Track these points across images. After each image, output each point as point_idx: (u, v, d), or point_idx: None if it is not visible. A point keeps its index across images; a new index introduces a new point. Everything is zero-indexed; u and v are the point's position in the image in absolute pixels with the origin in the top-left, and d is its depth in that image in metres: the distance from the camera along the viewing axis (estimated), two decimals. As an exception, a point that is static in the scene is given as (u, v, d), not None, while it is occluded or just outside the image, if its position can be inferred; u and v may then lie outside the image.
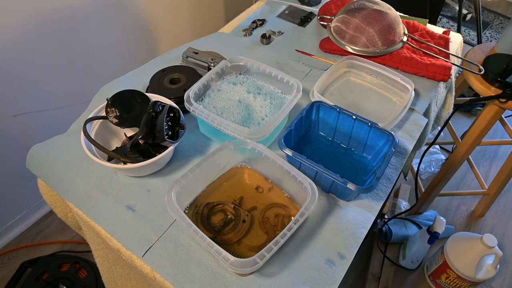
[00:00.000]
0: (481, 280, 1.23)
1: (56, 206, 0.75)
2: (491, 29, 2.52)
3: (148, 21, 1.43)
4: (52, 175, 0.68)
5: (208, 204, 0.62)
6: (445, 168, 1.34)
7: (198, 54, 0.88)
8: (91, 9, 1.21)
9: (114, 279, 0.75)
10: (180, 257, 0.57)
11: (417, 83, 0.86)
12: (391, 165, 0.72)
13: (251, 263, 0.49)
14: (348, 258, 0.58)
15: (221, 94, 0.75)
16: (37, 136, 1.28)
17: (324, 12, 1.03)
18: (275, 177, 0.65)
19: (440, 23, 2.46)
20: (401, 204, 1.57)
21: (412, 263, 1.39)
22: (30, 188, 1.38)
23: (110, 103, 0.67)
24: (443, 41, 0.96)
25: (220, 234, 0.59)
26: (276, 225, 0.60)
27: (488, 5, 2.61)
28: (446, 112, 1.06)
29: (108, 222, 0.61)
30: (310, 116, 0.73)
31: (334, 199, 0.65)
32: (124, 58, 1.41)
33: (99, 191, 0.65)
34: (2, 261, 1.38)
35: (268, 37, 0.98)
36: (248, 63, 0.78)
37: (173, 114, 0.67)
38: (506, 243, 1.52)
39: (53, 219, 1.50)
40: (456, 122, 1.94)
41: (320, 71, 0.89)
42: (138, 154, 0.63)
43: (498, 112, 1.11)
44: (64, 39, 1.19)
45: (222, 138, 0.70)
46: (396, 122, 0.71)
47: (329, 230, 0.61)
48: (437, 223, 1.26)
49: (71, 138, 0.73)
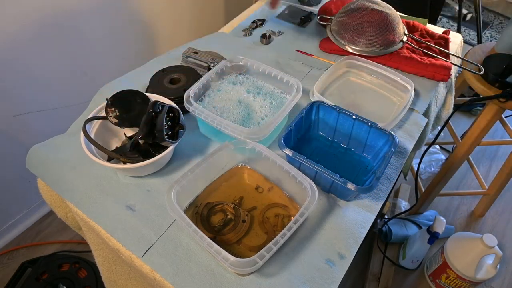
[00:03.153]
0: (481, 280, 1.24)
1: (56, 206, 0.75)
2: (491, 29, 2.52)
3: (148, 21, 1.43)
4: (52, 175, 0.68)
5: (208, 204, 0.62)
6: (445, 168, 1.34)
7: (198, 54, 0.88)
8: (91, 9, 1.21)
9: (114, 279, 0.75)
10: (180, 257, 0.57)
11: (417, 83, 0.86)
12: (391, 165, 0.72)
13: (251, 263, 0.49)
14: (348, 258, 0.58)
15: (221, 94, 0.75)
16: (37, 136, 1.28)
17: (324, 12, 1.03)
18: (275, 177, 0.65)
19: (440, 23, 2.46)
20: (401, 204, 1.57)
21: (412, 263, 1.39)
22: (30, 188, 1.38)
23: (110, 103, 0.67)
24: (443, 41, 0.96)
25: (220, 234, 0.59)
26: (276, 225, 0.60)
27: (488, 5, 2.61)
28: (446, 112, 1.06)
29: (108, 222, 0.61)
30: (310, 116, 0.73)
31: (334, 199, 0.65)
32: (124, 58, 1.41)
33: (99, 191, 0.65)
34: (2, 261, 1.38)
35: (268, 37, 0.98)
36: (248, 63, 0.78)
37: (173, 114, 0.66)
38: (506, 243, 1.52)
39: (53, 219, 1.50)
40: (456, 122, 1.94)
41: (320, 71, 0.89)
42: (138, 154, 0.63)
43: (498, 112, 1.11)
44: (64, 39, 1.19)
45: (222, 138, 0.70)
46: (396, 122, 0.71)
47: (329, 230, 0.61)
48: (437, 223, 1.27)
49: (71, 138, 0.73)
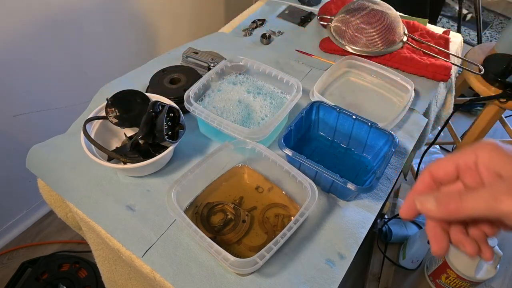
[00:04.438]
0: (481, 280, 1.23)
1: (56, 206, 0.75)
2: (491, 29, 2.52)
3: (148, 21, 1.43)
4: (52, 175, 0.68)
5: (208, 204, 0.62)
6: (445, 168, 1.33)
7: (198, 54, 0.88)
8: (91, 9, 1.21)
9: (114, 279, 0.75)
10: (180, 257, 0.57)
11: (417, 83, 0.86)
12: (391, 165, 0.72)
13: (251, 263, 0.49)
14: (348, 258, 0.58)
15: (221, 94, 0.75)
16: (37, 136, 1.28)
17: (324, 12, 1.03)
18: (275, 177, 0.65)
19: (440, 23, 2.46)
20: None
21: (412, 263, 1.39)
22: (30, 188, 1.38)
23: (110, 103, 0.67)
24: (443, 41, 0.96)
25: (220, 234, 0.59)
26: (276, 225, 0.60)
27: (488, 5, 2.62)
28: (446, 112, 1.06)
29: (108, 222, 0.61)
30: (310, 116, 0.73)
31: (334, 199, 0.65)
32: (124, 58, 1.41)
33: (99, 191, 0.65)
34: (2, 261, 1.38)
35: (268, 37, 0.98)
36: (248, 63, 0.78)
37: (173, 114, 0.66)
38: (506, 243, 1.52)
39: (53, 219, 1.50)
40: (456, 122, 1.94)
41: (320, 71, 0.89)
42: (138, 154, 0.63)
43: (498, 112, 1.11)
44: (64, 39, 1.19)
45: (222, 138, 0.70)
46: (396, 122, 0.71)
47: (329, 230, 0.61)
48: (437, 223, 1.26)
49: (71, 138, 0.73)
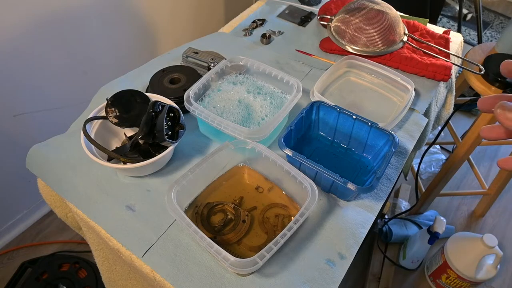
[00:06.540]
0: (481, 280, 1.23)
1: (56, 206, 0.75)
2: (491, 29, 2.52)
3: (148, 21, 1.43)
4: (52, 175, 0.68)
5: (208, 204, 0.62)
6: (445, 168, 1.33)
7: (198, 54, 0.88)
8: (91, 9, 1.21)
9: (114, 279, 0.75)
10: (180, 257, 0.57)
11: (417, 83, 0.86)
12: (391, 165, 0.72)
13: (251, 263, 0.49)
14: (348, 258, 0.58)
15: (221, 94, 0.75)
16: (37, 136, 1.28)
17: (324, 12, 1.03)
18: (275, 177, 0.65)
19: (441, 23, 2.46)
20: (401, 204, 1.57)
21: (412, 263, 1.39)
22: (30, 188, 1.38)
23: (110, 103, 0.67)
24: (444, 41, 0.96)
25: (220, 234, 0.59)
26: (276, 225, 0.60)
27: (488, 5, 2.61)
28: (446, 112, 1.06)
29: (108, 222, 0.61)
30: (310, 116, 0.73)
31: (334, 199, 0.65)
32: (124, 58, 1.41)
33: (99, 191, 0.65)
34: (2, 261, 1.38)
35: (268, 37, 0.98)
36: (248, 63, 0.77)
37: (173, 114, 0.66)
38: (506, 243, 1.52)
39: (53, 219, 1.50)
40: (456, 122, 1.94)
41: (320, 71, 0.89)
42: (138, 154, 0.63)
43: (498, 112, 1.10)
44: (64, 39, 1.19)
45: (222, 138, 0.70)
46: (396, 122, 0.71)
47: (329, 230, 0.61)
48: (437, 223, 1.26)
49: (71, 138, 0.73)
